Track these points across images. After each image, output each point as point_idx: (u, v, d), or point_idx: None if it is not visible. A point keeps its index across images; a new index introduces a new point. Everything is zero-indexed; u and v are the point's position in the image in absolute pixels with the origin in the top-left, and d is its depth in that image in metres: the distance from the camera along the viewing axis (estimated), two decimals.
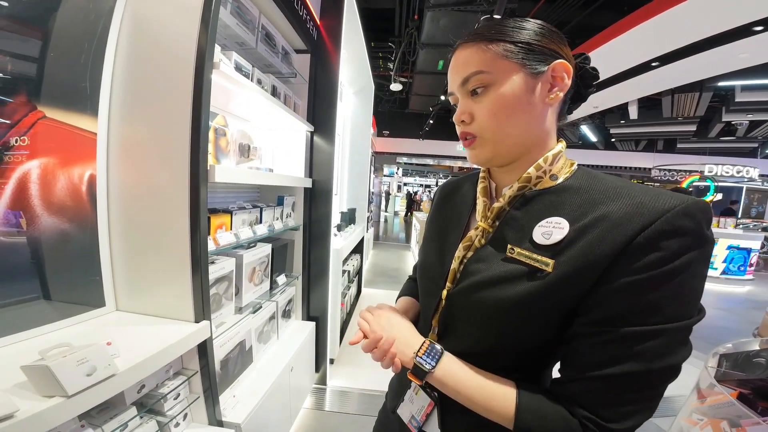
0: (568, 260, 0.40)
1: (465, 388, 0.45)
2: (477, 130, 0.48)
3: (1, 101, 0.68)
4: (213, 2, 0.83)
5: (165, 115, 0.85)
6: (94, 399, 0.58)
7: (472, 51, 0.46)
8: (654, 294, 0.36)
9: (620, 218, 0.39)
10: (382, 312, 0.57)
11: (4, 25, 0.67)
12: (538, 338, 0.45)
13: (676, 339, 0.37)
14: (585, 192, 0.44)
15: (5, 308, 0.70)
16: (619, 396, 0.38)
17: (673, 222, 0.36)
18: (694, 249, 0.36)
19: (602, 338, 0.39)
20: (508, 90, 0.44)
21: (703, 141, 9.43)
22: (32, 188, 0.73)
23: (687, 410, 0.94)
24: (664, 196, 0.38)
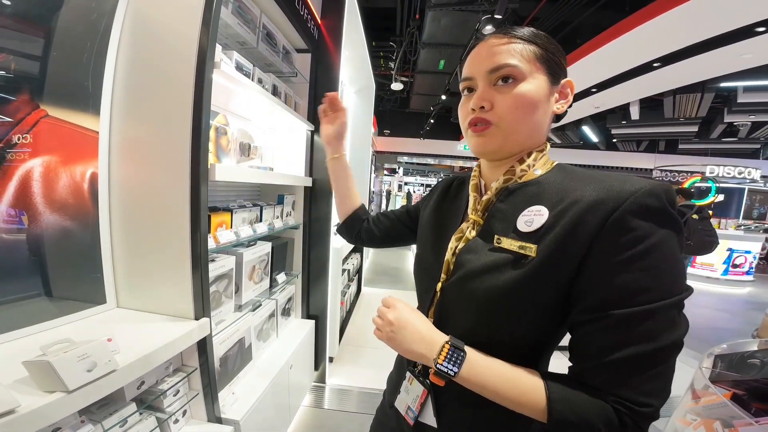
0: (549, 244, 0.43)
1: (492, 384, 0.44)
2: (495, 119, 0.49)
3: (4, 99, 0.68)
4: (214, 2, 0.83)
5: (166, 113, 0.86)
6: (95, 394, 0.59)
7: (506, 43, 0.48)
8: (635, 274, 0.39)
9: (592, 201, 0.42)
10: (406, 306, 0.54)
11: (7, 23, 0.67)
12: (531, 326, 0.47)
13: (670, 316, 0.39)
14: (560, 182, 0.48)
15: (7, 305, 0.70)
16: (638, 377, 0.39)
17: (639, 202, 0.39)
18: (664, 227, 0.39)
19: (601, 324, 0.40)
20: (534, 89, 0.48)
21: (705, 142, 9.39)
22: (35, 186, 0.74)
23: (681, 410, 0.94)
24: (631, 179, 0.42)
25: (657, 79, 4.60)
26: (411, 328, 0.50)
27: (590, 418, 0.39)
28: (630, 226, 0.39)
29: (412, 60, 6.33)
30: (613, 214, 0.40)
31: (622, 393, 0.39)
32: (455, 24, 4.51)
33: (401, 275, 4.92)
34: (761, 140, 9.19)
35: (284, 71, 1.64)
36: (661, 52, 3.85)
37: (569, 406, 0.41)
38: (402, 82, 6.71)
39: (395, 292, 4.03)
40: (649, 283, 0.38)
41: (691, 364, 1.04)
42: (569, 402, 0.41)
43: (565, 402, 0.41)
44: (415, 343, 0.49)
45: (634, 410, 0.38)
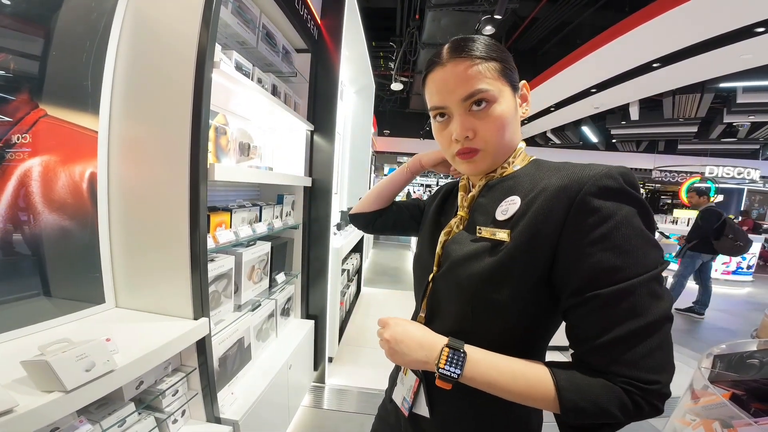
0: (521, 230, 0.45)
1: (498, 381, 0.44)
2: (480, 144, 0.51)
3: (3, 99, 0.68)
4: (214, 1, 0.83)
5: (166, 113, 0.86)
6: (93, 394, 0.59)
7: (470, 67, 0.48)
8: (606, 253, 0.40)
9: (558, 187, 0.44)
10: (399, 320, 0.55)
11: (7, 23, 0.67)
12: (513, 314, 0.48)
13: (650, 289, 0.39)
14: (533, 173, 0.51)
15: (6, 304, 0.70)
16: (635, 354, 0.39)
17: (597, 183, 0.41)
18: (625, 204, 0.41)
19: (588, 306, 0.41)
20: (506, 107, 0.50)
21: (705, 142, 9.40)
22: (34, 186, 0.73)
23: (680, 410, 0.94)
24: (592, 166, 0.44)
25: (656, 79, 4.60)
26: (407, 339, 0.50)
27: (603, 403, 0.39)
28: (592, 206, 0.41)
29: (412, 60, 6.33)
30: (576, 197, 0.42)
31: (626, 372, 0.39)
32: (455, 24, 4.51)
33: (401, 275, 4.91)
34: (760, 141, 9.20)
35: (284, 71, 1.63)
36: (660, 53, 3.86)
37: (580, 393, 0.40)
38: (402, 82, 6.72)
39: (395, 292, 4.03)
40: (621, 260, 0.39)
41: (691, 364, 1.04)
42: (579, 388, 0.40)
43: (575, 389, 0.41)
44: (414, 351, 0.49)
45: (644, 389, 0.38)
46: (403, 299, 3.76)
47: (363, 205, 0.83)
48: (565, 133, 9.52)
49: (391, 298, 3.78)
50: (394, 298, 3.81)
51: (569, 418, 0.41)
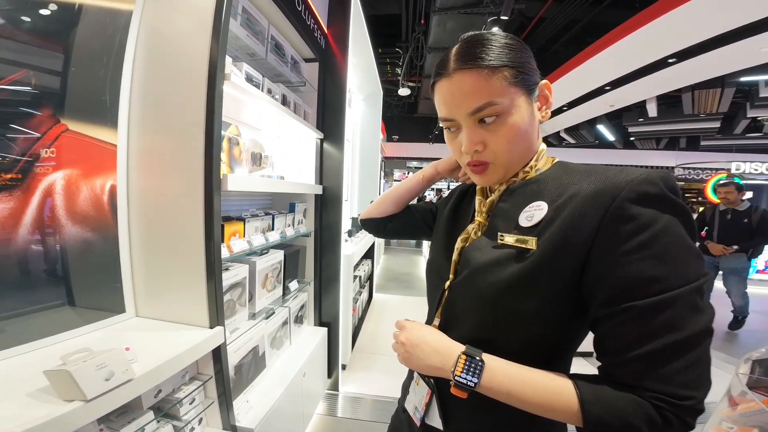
0: (549, 237, 0.43)
1: (517, 391, 0.43)
2: (491, 158, 0.49)
3: (28, 114, 0.71)
4: (223, 15, 0.86)
5: (180, 126, 0.88)
6: (113, 403, 0.60)
7: (478, 78, 0.45)
8: (645, 262, 0.37)
9: (591, 193, 0.42)
10: (416, 324, 0.55)
11: (27, 39, 0.70)
12: (537, 323, 0.45)
13: (691, 302, 0.37)
14: (560, 177, 0.48)
15: (33, 314, 0.73)
16: (671, 369, 0.37)
17: (636, 189, 0.39)
18: (667, 212, 0.38)
19: (621, 318, 0.39)
20: (519, 118, 0.46)
21: (729, 138, 9.01)
22: (58, 199, 0.76)
23: (717, 418, 0.89)
24: (627, 170, 0.41)
25: (673, 75, 4.46)
26: (423, 344, 0.49)
27: (629, 418, 0.37)
28: (630, 213, 0.38)
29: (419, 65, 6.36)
30: (612, 204, 0.39)
31: (658, 388, 0.37)
32: (461, 27, 4.52)
33: (412, 281, 4.87)
34: None
35: (293, 81, 1.67)
36: (675, 48, 3.75)
37: (605, 407, 0.38)
38: (409, 87, 6.75)
39: (407, 298, 3.99)
40: (661, 270, 0.37)
41: (727, 369, 0.98)
42: (604, 402, 0.39)
43: (599, 403, 0.39)
44: (429, 357, 0.48)
45: (676, 404, 0.36)
46: (415, 305, 3.72)
47: (375, 210, 0.82)
48: (580, 133, 9.32)
49: (404, 304, 3.75)
50: (406, 304, 3.78)
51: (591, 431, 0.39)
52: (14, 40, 0.68)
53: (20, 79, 0.69)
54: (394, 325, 0.56)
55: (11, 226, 0.69)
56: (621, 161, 11.20)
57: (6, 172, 0.68)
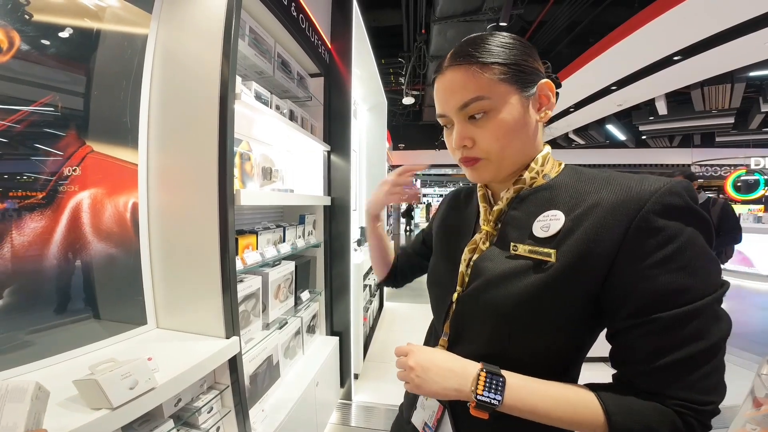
0: (569, 249, 0.42)
1: (543, 407, 0.42)
2: (481, 154, 0.49)
3: (56, 136, 0.76)
4: (232, 37, 0.91)
5: (195, 144, 0.93)
6: (136, 411, 0.63)
7: (466, 74, 0.46)
8: (673, 274, 0.38)
9: (613, 204, 0.41)
10: (421, 347, 0.51)
11: (53, 65, 0.75)
12: (551, 335, 0.45)
13: (714, 311, 0.38)
14: (574, 185, 0.46)
15: (62, 327, 0.77)
16: (694, 377, 0.38)
17: (662, 201, 0.39)
18: (690, 224, 0.39)
19: (647, 329, 0.39)
20: (508, 115, 0.46)
21: (745, 133, 8.78)
22: (85, 217, 0.81)
23: (740, 420, 0.86)
24: (647, 179, 0.41)
25: (679, 72, 4.42)
26: (435, 366, 0.46)
27: (654, 425, 0.38)
28: (657, 226, 0.39)
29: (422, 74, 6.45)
30: (637, 216, 0.39)
31: (681, 395, 0.38)
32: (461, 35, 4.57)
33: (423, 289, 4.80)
34: None
35: (300, 96, 1.72)
36: (680, 45, 3.72)
37: (631, 416, 0.39)
38: (413, 95, 6.83)
39: (417, 306, 3.96)
40: (688, 282, 0.38)
41: (751, 368, 0.96)
42: (629, 411, 0.39)
43: (625, 413, 0.39)
44: (445, 379, 0.45)
45: (699, 410, 0.38)
46: (426, 313, 3.64)
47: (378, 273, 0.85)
48: (589, 133, 9.22)
49: (414, 312, 3.72)
50: (417, 311, 3.75)
51: None
52: (41, 65, 0.73)
53: (48, 103, 0.74)
54: (394, 353, 0.51)
55: (41, 243, 0.74)
56: (635, 160, 10.99)
57: (38, 192, 0.73)
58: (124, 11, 0.90)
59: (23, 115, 0.70)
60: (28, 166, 0.72)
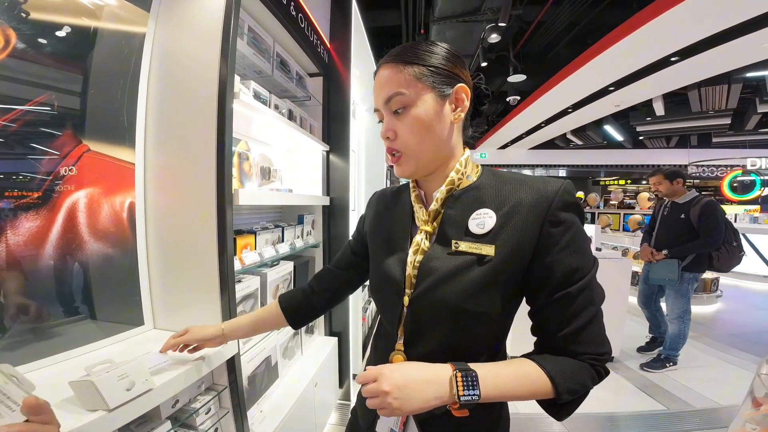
0: (504, 243, 0.49)
1: (509, 389, 0.47)
2: (401, 147, 0.54)
3: (53, 135, 0.75)
4: (231, 36, 0.90)
5: (193, 144, 0.92)
6: (133, 412, 0.62)
7: (391, 71, 0.52)
8: (572, 257, 0.48)
9: (530, 202, 0.50)
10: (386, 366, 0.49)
11: (49, 63, 0.74)
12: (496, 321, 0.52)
13: (594, 283, 0.50)
14: (495, 185, 0.54)
15: (58, 327, 0.76)
16: (594, 334, 0.49)
17: (562, 198, 0.49)
18: (578, 215, 0.50)
19: (562, 302, 0.49)
20: (422, 110, 0.51)
21: (741, 134, 8.82)
22: (81, 216, 0.80)
23: (740, 420, 0.86)
24: (547, 181, 0.51)
25: (676, 73, 4.44)
26: (410, 381, 0.44)
27: (583, 379, 0.48)
28: (559, 219, 0.48)
29: None
30: (547, 212, 0.48)
31: (589, 350, 0.49)
32: (460, 35, 4.58)
33: None
34: None
35: (299, 96, 1.72)
36: (677, 46, 3.74)
37: (566, 377, 0.47)
38: None
39: None
40: (581, 261, 0.48)
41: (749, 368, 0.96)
42: (564, 373, 0.47)
43: (562, 375, 0.47)
44: (424, 392, 0.44)
45: (601, 359, 0.49)
46: None
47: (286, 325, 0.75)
48: (587, 134, 9.25)
49: None
50: None
51: (564, 399, 0.47)
52: (37, 64, 0.72)
53: (44, 102, 0.73)
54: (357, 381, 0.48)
55: (37, 243, 0.73)
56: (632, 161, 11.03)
57: (33, 191, 0.72)
58: (122, 10, 0.89)
59: (18, 114, 0.69)
60: (24, 166, 0.71)
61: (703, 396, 2.12)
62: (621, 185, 11.48)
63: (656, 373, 2.40)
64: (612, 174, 11.99)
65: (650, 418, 1.92)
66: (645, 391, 2.19)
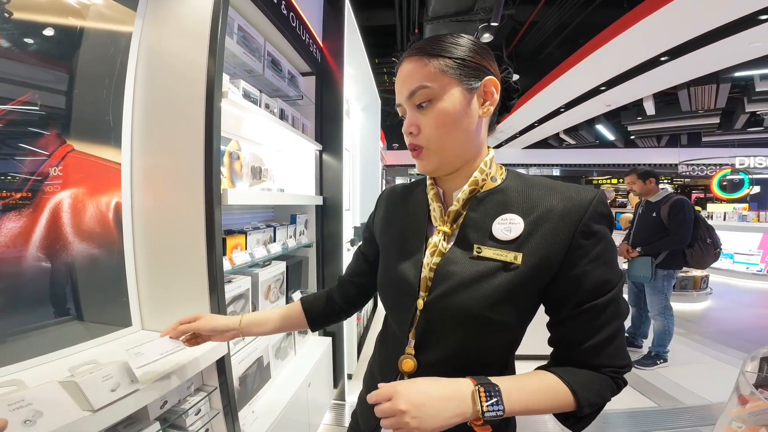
0: (532, 251, 0.47)
1: (533, 403, 0.45)
2: (424, 142, 0.51)
3: (36, 135, 0.74)
4: (219, 34, 0.89)
5: (180, 143, 0.92)
6: (119, 413, 0.61)
7: (415, 65, 0.49)
8: (601, 269, 0.47)
9: (562, 211, 0.47)
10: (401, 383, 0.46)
11: (34, 62, 0.73)
12: (514, 331, 0.51)
13: (621, 296, 0.49)
14: (522, 190, 0.51)
15: (44, 329, 0.75)
16: (617, 347, 0.48)
17: (596, 209, 0.47)
18: (610, 227, 0.49)
19: (588, 315, 0.47)
20: (449, 104, 0.48)
21: (730, 133, 8.99)
22: (66, 216, 0.79)
23: (726, 418, 0.88)
24: (581, 189, 0.49)
25: (667, 72, 4.50)
26: (429, 399, 0.41)
27: (603, 392, 0.47)
28: (592, 230, 0.47)
29: None
30: (580, 222, 0.46)
31: (611, 363, 0.48)
32: None
33: None
34: None
35: (291, 95, 1.71)
36: (667, 46, 3.80)
37: (587, 390, 0.46)
38: None
39: None
40: (609, 274, 0.47)
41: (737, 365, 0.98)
42: (585, 386, 0.46)
43: (583, 388, 0.46)
44: (444, 409, 0.41)
45: (621, 372, 0.48)
46: None
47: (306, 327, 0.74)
48: (580, 133, 9.34)
49: None
50: None
51: (584, 412, 0.46)
52: (20, 62, 0.71)
53: (27, 101, 0.72)
54: (370, 401, 0.44)
55: (22, 244, 0.72)
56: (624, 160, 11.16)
57: (16, 192, 0.71)
58: (108, 9, 0.88)
59: (0, 114, 0.68)
60: (6, 166, 0.70)
61: (694, 393, 2.14)
62: (613, 184, 11.61)
63: (647, 371, 2.43)
64: (604, 173, 12.13)
65: (642, 416, 1.94)
66: (636, 388, 2.22)
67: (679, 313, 3.07)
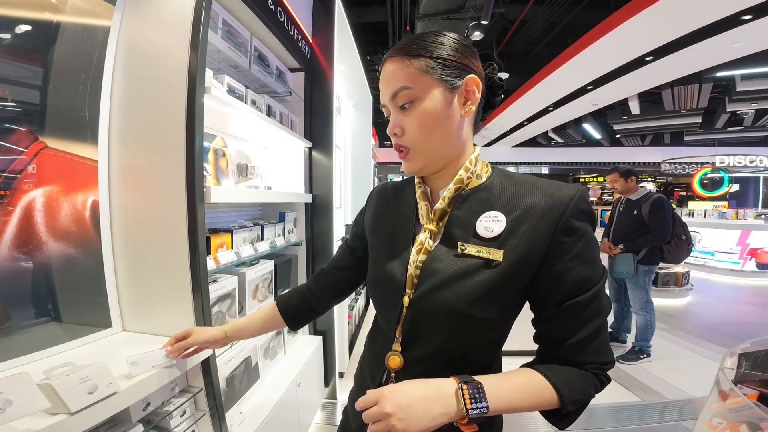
0: (513, 249, 0.48)
1: (516, 400, 0.45)
2: (408, 143, 0.51)
3: (5, 131, 0.71)
4: (201, 29, 0.87)
5: (161, 140, 0.89)
6: (98, 416, 0.60)
7: (397, 65, 0.49)
8: (583, 266, 0.47)
9: (543, 208, 0.48)
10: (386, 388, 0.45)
11: (5, 56, 0.70)
12: (498, 328, 0.51)
13: (603, 293, 0.48)
14: (506, 187, 0.51)
15: (20, 330, 0.73)
16: (600, 344, 0.48)
17: (577, 206, 0.47)
18: (592, 224, 0.49)
19: (570, 312, 0.47)
20: (430, 105, 0.49)
21: (711, 132, 9.25)
22: (40, 215, 0.77)
23: (707, 413, 0.89)
24: (563, 186, 0.49)
25: (651, 72, 4.60)
26: (414, 400, 0.42)
27: (587, 389, 0.47)
28: (573, 227, 0.47)
29: None
30: (561, 219, 0.46)
31: (595, 359, 0.48)
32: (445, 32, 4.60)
33: None
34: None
35: (279, 91, 1.69)
36: (651, 46, 3.88)
37: (571, 387, 0.46)
38: None
39: None
40: (590, 272, 0.47)
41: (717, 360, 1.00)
42: (568, 383, 0.47)
43: (567, 385, 0.46)
44: (430, 410, 0.41)
45: (604, 368, 0.49)
46: None
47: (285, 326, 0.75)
48: (567, 132, 9.49)
49: None
50: None
51: (568, 410, 0.46)
52: None
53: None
54: (358, 407, 0.43)
55: None
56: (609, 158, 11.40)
57: None
58: (86, 2, 0.85)
59: None
60: None
61: (677, 387, 2.19)
62: (600, 182, 11.85)
63: (631, 365, 2.49)
64: (591, 171, 12.36)
65: (626, 410, 1.98)
66: (620, 382, 2.26)
67: (661, 308, 3.16)
